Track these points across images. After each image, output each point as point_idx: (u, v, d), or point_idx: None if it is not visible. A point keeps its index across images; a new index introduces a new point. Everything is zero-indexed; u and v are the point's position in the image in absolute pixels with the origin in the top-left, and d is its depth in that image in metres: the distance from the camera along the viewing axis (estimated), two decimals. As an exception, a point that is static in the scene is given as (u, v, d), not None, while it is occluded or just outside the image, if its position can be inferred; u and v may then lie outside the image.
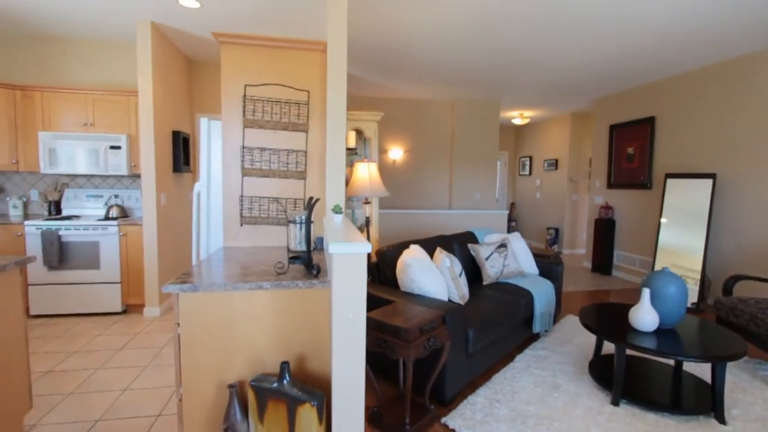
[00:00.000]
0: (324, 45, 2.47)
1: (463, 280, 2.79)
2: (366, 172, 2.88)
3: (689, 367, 2.80)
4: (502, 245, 3.49)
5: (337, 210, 2.04)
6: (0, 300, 1.83)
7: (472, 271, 3.48)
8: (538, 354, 2.96)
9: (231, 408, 1.56)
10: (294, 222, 1.75)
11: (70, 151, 3.71)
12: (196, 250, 2.50)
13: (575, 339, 3.24)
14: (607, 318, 2.55)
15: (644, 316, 2.29)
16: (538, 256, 3.96)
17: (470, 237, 3.72)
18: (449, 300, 2.64)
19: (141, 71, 3.57)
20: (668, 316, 2.33)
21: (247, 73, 2.41)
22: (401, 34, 3.73)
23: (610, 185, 5.88)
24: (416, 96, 6.39)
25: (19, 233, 3.52)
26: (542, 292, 3.20)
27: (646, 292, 2.30)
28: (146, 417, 2.17)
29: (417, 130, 6.68)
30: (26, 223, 3.49)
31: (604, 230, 5.78)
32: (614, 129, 5.81)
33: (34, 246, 3.50)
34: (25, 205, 4.00)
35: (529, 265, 3.58)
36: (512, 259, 3.46)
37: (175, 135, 4.12)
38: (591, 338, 3.26)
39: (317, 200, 1.76)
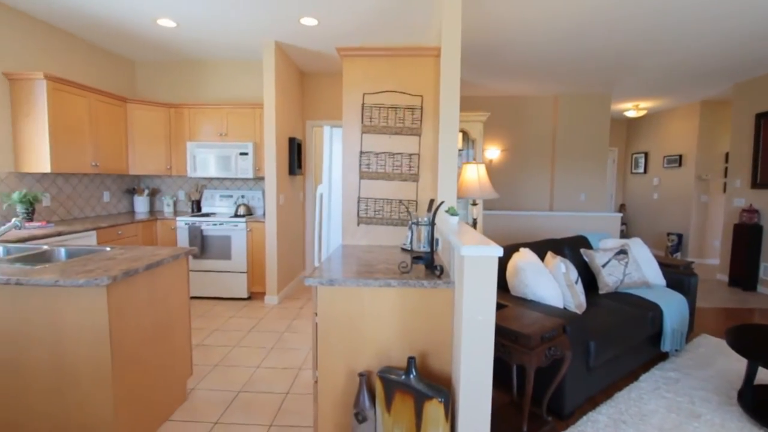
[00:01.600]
0: (437, 50, 2.52)
1: (579, 288, 2.63)
2: (475, 174, 2.87)
3: None
4: (622, 252, 3.20)
5: (452, 212, 2.07)
6: (174, 282, 2.22)
7: (585, 278, 3.24)
8: (668, 376, 2.66)
9: (361, 395, 1.69)
10: (417, 223, 1.82)
11: (209, 158, 4.32)
12: (318, 246, 2.74)
13: (715, 363, 2.84)
14: (764, 342, 2.19)
15: (820, 344, 1.92)
16: (663, 266, 3.54)
17: (582, 241, 3.47)
18: (564, 308, 2.51)
19: (266, 86, 4.01)
20: None
21: (365, 82, 2.57)
22: (506, 30, 3.63)
23: (756, 185, 5.00)
24: (515, 93, 6.14)
25: (173, 227, 4.21)
26: (673, 307, 2.86)
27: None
28: (277, 393, 2.45)
29: (515, 128, 6.41)
30: (178, 219, 4.16)
31: (747, 238, 4.93)
32: (762, 118, 4.92)
33: (183, 238, 4.16)
34: (175, 204, 4.75)
35: (655, 275, 3.22)
36: (634, 268, 3.15)
37: (291, 141, 4.55)
38: (735, 364, 2.82)
39: (442, 203, 1.81)
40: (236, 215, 4.36)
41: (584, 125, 6.24)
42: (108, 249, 2.30)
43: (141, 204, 4.58)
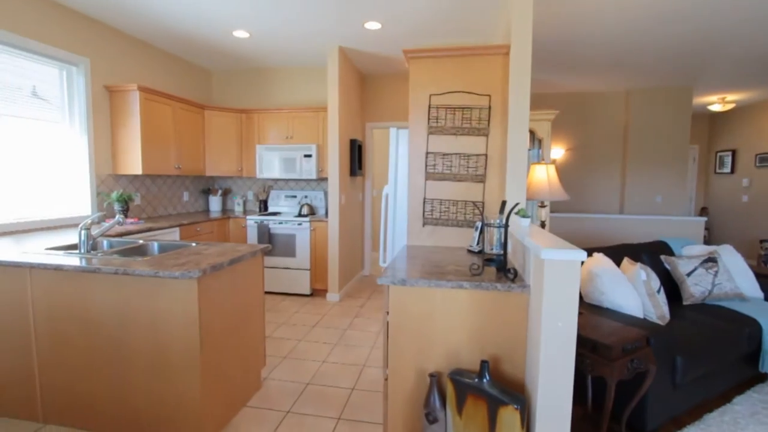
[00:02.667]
0: (506, 48, 2.46)
1: (662, 298, 2.43)
2: (544, 175, 2.76)
3: None
4: (711, 260, 2.91)
5: (523, 214, 2.01)
6: (251, 276, 2.37)
7: (666, 287, 2.99)
8: (769, 399, 2.38)
9: (431, 395, 1.69)
10: (489, 225, 1.80)
11: (276, 160, 4.55)
12: (383, 246, 2.78)
13: (827, 388, 2.50)
14: None
15: None
16: (759, 276, 3.17)
17: (663, 247, 3.21)
18: (644, 318, 2.34)
19: (329, 89, 4.15)
20: None
21: (432, 84, 2.57)
22: (579, 23, 3.45)
23: None
24: (583, 89, 5.81)
25: (243, 225, 4.49)
26: (774, 322, 2.56)
27: None
28: (343, 389, 2.52)
29: (581, 126, 6.07)
30: (247, 217, 4.43)
31: None
32: None
33: (252, 235, 4.42)
34: (245, 203, 5.07)
35: (751, 287, 2.90)
36: (725, 278, 2.86)
37: (352, 143, 4.66)
38: None
39: (516, 205, 1.77)
40: (300, 215, 4.55)
41: (661, 121, 5.76)
42: (194, 245, 2.51)
43: (215, 203, 4.93)
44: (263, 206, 4.94)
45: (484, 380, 1.59)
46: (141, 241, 2.60)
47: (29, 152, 3.03)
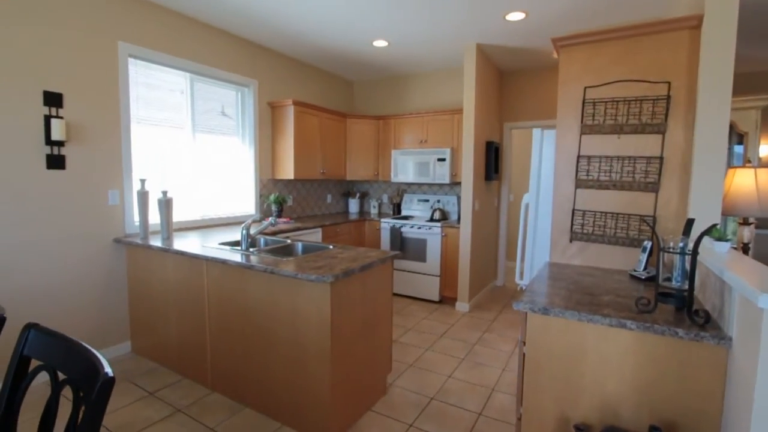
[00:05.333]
0: (695, 19, 1.92)
1: None
2: (751, 181, 2.08)
3: None
4: None
5: (719, 235, 1.52)
6: (381, 282, 2.39)
7: None
8: None
9: (577, 451, 1.40)
10: (668, 250, 1.39)
11: (409, 164, 4.59)
12: (520, 260, 2.50)
13: None
14: None
15: None
16: None
17: None
18: None
19: (466, 90, 3.97)
20: None
21: (587, 74, 2.18)
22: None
23: None
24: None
25: (378, 227, 4.66)
26: None
27: None
28: (469, 412, 2.34)
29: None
30: (382, 220, 4.59)
31: None
32: None
33: (385, 238, 4.56)
34: (380, 206, 5.28)
35: None
36: None
37: (488, 145, 4.39)
38: None
39: (714, 226, 1.33)
40: (432, 219, 4.50)
41: None
42: (331, 247, 2.66)
43: (353, 205, 5.25)
44: (397, 209, 5.05)
45: (654, 451, 1.23)
46: (289, 241, 2.89)
47: (215, 161, 3.69)
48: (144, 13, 2.99)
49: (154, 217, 3.11)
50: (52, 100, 2.52)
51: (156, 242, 2.73)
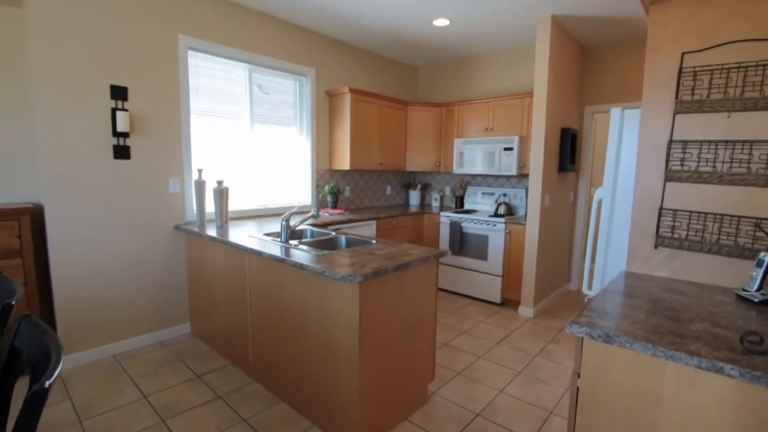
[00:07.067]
0: None
1: None
2: None
3: None
4: None
5: None
6: (422, 283, 2.18)
7: None
8: None
9: None
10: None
11: (474, 154, 4.25)
12: (588, 266, 2.10)
13: None
14: None
15: None
16: None
17: None
18: None
19: (537, 70, 3.51)
20: None
21: (686, 36, 1.71)
22: None
23: None
24: None
25: (437, 221, 4.41)
26: None
27: None
28: (519, 436, 2.05)
29: None
30: (441, 214, 4.33)
31: None
32: None
33: (444, 233, 4.29)
34: (441, 199, 5.00)
35: None
36: None
37: (564, 132, 3.87)
38: None
39: None
40: (496, 214, 4.12)
41: None
42: (374, 242, 2.51)
43: (414, 197, 5.05)
44: (459, 203, 4.74)
45: None
46: (333, 234, 2.80)
47: (273, 152, 3.74)
48: (203, 5, 3.07)
49: (212, 206, 3.23)
50: (118, 93, 2.69)
51: (211, 230, 2.82)
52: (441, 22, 3.61)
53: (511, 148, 3.95)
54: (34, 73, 2.38)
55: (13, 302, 1.33)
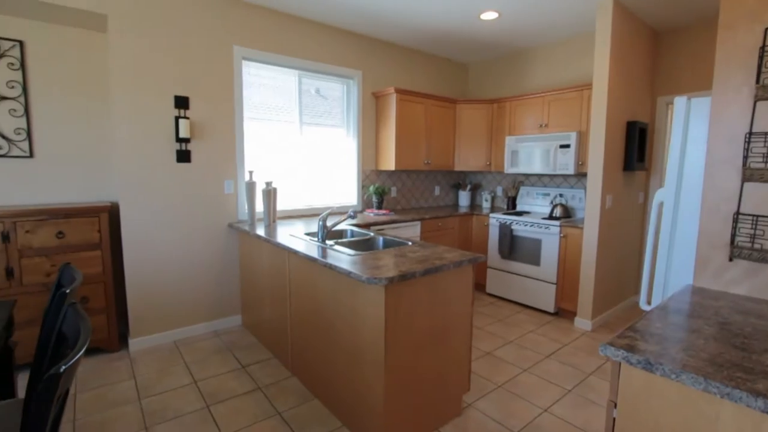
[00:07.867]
0: None
1: None
2: None
3: None
4: None
5: None
6: (455, 289, 2.08)
7: None
8: None
9: None
10: None
11: (527, 152, 3.99)
12: (648, 277, 1.86)
13: None
14: None
15: None
16: None
17: None
18: None
19: (597, 58, 3.20)
20: None
21: (774, 9, 1.44)
22: None
23: None
24: None
25: (486, 223, 4.22)
26: None
27: None
28: (562, 461, 1.86)
29: None
30: (491, 215, 4.13)
31: None
32: None
33: (493, 235, 4.09)
34: (493, 199, 4.78)
35: None
36: None
37: (630, 126, 3.49)
38: None
39: None
40: (551, 216, 3.84)
41: None
42: (410, 244, 2.44)
43: (464, 198, 4.88)
44: (511, 204, 4.49)
45: None
46: (371, 234, 2.78)
47: (321, 153, 3.82)
48: (255, 17, 3.22)
49: (262, 206, 3.37)
50: (181, 102, 2.91)
51: (260, 229, 2.94)
52: (489, 15, 3.44)
53: (567, 145, 3.66)
54: (113, 87, 2.66)
55: (68, 290, 1.47)
